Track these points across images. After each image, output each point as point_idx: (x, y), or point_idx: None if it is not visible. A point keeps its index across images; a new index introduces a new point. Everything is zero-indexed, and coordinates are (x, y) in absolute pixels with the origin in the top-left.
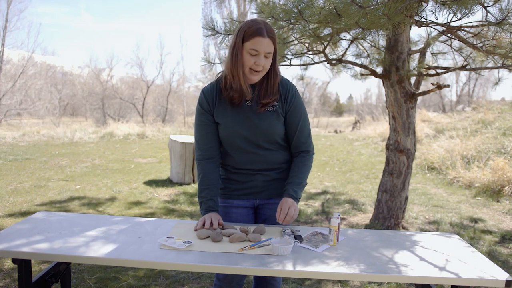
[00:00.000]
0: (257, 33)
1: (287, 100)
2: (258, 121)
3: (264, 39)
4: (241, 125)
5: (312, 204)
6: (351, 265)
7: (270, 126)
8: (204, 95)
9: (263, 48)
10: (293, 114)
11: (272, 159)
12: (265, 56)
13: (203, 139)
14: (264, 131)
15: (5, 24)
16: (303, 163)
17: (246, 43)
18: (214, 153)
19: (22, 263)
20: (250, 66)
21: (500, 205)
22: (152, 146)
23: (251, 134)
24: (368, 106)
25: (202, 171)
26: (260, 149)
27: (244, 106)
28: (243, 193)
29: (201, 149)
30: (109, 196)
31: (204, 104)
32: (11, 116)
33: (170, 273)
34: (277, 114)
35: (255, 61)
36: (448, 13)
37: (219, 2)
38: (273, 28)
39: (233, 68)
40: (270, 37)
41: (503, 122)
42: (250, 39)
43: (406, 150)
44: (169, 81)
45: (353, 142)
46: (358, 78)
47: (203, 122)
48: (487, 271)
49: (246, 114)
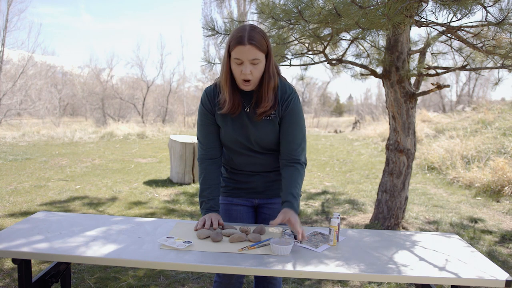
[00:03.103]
0: (237, 42)
1: (283, 106)
2: (255, 130)
3: (244, 47)
4: (239, 132)
5: (312, 204)
6: (351, 265)
7: (265, 135)
8: (207, 95)
9: (245, 56)
10: (288, 121)
11: (270, 162)
12: (252, 63)
13: (206, 138)
14: (258, 140)
15: (5, 24)
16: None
17: (231, 53)
18: (216, 153)
19: (22, 263)
20: (238, 76)
21: (500, 205)
22: (152, 146)
23: (248, 141)
24: (368, 106)
25: (204, 170)
26: (258, 153)
27: (242, 113)
28: (244, 192)
29: (204, 148)
30: (109, 196)
31: (206, 104)
32: (11, 116)
33: (170, 273)
34: (273, 124)
35: (241, 70)
36: (448, 13)
37: (219, 2)
38: (259, 34)
39: (221, 79)
40: (251, 44)
41: (503, 122)
42: (234, 49)
43: (406, 150)
44: (169, 81)
45: (353, 142)
46: (358, 78)
47: (206, 122)
48: (487, 271)
49: (244, 121)
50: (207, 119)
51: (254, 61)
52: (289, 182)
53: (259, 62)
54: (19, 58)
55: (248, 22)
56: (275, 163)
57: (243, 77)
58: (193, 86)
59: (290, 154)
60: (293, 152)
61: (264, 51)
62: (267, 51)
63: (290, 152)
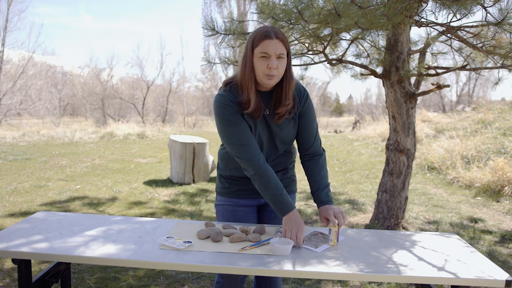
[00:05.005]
0: (265, 36)
1: (300, 103)
2: (279, 130)
3: (272, 41)
4: (264, 132)
5: (312, 204)
6: (351, 265)
7: (289, 134)
8: (228, 98)
9: (273, 49)
10: (307, 118)
11: (280, 163)
12: (278, 58)
13: (247, 137)
14: (283, 139)
15: (5, 24)
16: (321, 166)
17: (256, 49)
18: (259, 149)
19: (22, 263)
20: (263, 71)
21: (500, 205)
22: (152, 146)
23: (271, 143)
24: (368, 106)
25: (263, 172)
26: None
27: (264, 115)
28: (248, 193)
29: (250, 146)
30: (109, 196)
31: (231, 106)
32: (11, 116)
33: (170, 273)
34: (294, 122)
35: (267, 65)
36: (448, 13)
37: (219, 2)
38: (282, 32)
39: (243, 78)
40: (279, 38)
41: (503, 122)
42: (259, 44)
43: (406, 150)
44: (169, 81)
45: (353, 142)
46: (358, 78)
47: (238, 121)
48: (487, 271)
49: (267, 123)
50: (238, 118)
51: (280, 56)
52: (319, 175)
53: (283, 58)
54: (19, 58)
55: (248, 22)
56: (285, 163)
57: (268, 72)
58: (193, 86)
59: (313, 148)
60: (316, 146)
61: (287, 49)
62: (288, 51)
63: (312, 146)
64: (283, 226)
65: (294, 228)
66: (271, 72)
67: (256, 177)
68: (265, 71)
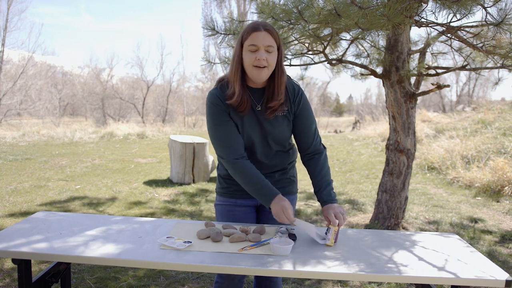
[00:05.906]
0: (253, 29)
1: (295, 102)
2: (271, 128)
3: (260, 33)
4: (254, 130)
5: (312, 204)
6: (351, 265)
7: (283, 132)
8: (217, 95)
9: (261, 41)
10: (304, 116)
11: (277, 163)
12: (266, 51)
13: (229, 137)
14: (275, 137)
15: (5, 24)
16: (322, 165)
17: (245, 42)
18: (243, 149)
19: (22, 263)
20: (252, 62)
21: (500, 205)
22: (152, 146)
23: (264, 141)
24: (368, 106)
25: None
26: (269, 154)
27: (255, 112)
28: (246, 193)
29: (229, 147)
30: (109, 196)
31: (219, 104)
32: (11, 116)
33: (170, 273)
34: (288, 120)
35: (256, 57)
36: (448, 13)
37: (219, 2)
38: (272, 26)
39: (231, 72)
40: (267, 30)
41: (503, 122)
42: (248, 36)
43: (406, 150)
44: (169, 81)
45: (353, 142)
46: (358, 78)
47: (224, 121)
48: (487, 271)
49: (258, 120)
50: (224, 118)
51: (268, 49)
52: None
53: (273, 50)
54: (19, 58)
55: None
56: (283, 163)
57: (257, 63)
58: (193, 86)
59: (313, 146)
60: (316, 144)
61: (277, 42)
62: (279, 44)
63: (312, 145)
64: (273, 213)
65: (282, 211)
66: (259, 63)
67: (236, 176)
68: (253, 62)
